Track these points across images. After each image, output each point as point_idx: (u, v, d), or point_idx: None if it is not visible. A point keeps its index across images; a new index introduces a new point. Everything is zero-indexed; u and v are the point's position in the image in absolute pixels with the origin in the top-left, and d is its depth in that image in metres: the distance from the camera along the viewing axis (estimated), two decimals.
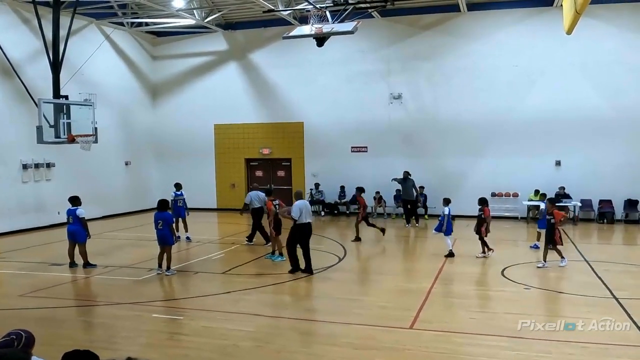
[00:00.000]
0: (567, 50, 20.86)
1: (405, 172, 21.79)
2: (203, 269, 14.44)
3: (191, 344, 8.82)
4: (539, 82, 21.75)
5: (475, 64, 22.48)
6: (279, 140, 25.73)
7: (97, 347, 5.93)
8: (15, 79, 19.54)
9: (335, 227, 22.14)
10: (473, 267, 14.29)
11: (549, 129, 21.62)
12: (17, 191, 20.45)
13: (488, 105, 22.29)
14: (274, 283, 12.89)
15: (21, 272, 14.37)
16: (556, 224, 13.70)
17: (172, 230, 14.03)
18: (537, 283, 12.43)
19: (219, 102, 25.95)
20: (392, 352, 8.29)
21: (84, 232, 14.53)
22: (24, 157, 20.57)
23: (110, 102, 23.55)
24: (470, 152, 22.70)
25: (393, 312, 10.35)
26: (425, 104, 23.45)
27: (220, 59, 26.44)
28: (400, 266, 15.28)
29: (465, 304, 10.96)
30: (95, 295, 12.64)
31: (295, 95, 25.16)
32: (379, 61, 23.81)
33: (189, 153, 26.56)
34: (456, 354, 8.15)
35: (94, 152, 19.53)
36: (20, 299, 11.66)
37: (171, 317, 10.49)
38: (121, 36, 25.42)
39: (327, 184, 24.72)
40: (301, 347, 8.70)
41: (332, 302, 11.32)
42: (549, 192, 20.19)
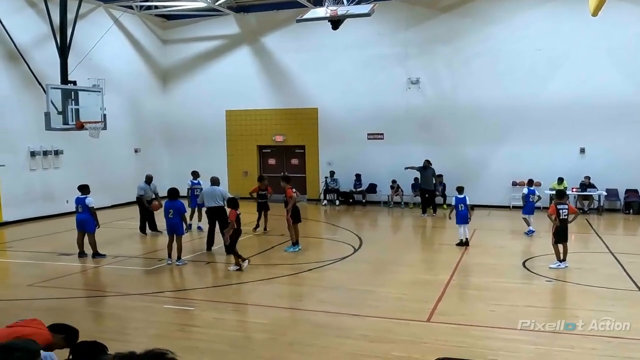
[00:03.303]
0: (592, 33, 20.18)
1: (426, 160, 21.34)
2: (214, 259, 14.24)
3: (202, 336, 8.77)
4: (563, 66, 21.11)
5: (496, 47, 21.90)
6: (292, 126, 25.35)
7: (107, 338, 5.82)
8: (22, 65, 19.31)
9: (350, 217, 21.88)
10: (493, 259, 13.94)
11: (572, 116, 21.03)
12: (25, 179, 20.25)
13: (509, 90, 21.72)
14: (288, 274, 12.72)
15: (30, 261, 14.27)
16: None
17: (184, 219, 13.79)
18: (559, 275, 12.06)
19: (230, 87, 25.59)
20: (408, 345, 8.13)
21: (93, 221, 14.32)
22: (32, 145, 20.33)
23: (119, 88, 23.25)
24: (490, 140, 22.18)
25: (410, 304, 10.21)
26: (444, 89, 22.94)
27: (232, 42, 26.06)
28: (417, 257, 15.05)
29: (484, 297, 10.71)
30: (104, 285, 12.58)
31: (309, 80, 24.74)
32: (396, 45, 23.29)
33: (200, 140, 26.27)
34: (474, 348, 7.92)
35: (103, 139, 19.36)
36: (29, 289, 11.59)
37: (182, 308, 10.41)
38: (130, 20, 25.09)
39: (342, 172, 24.33)
40: (314, 339, 8.46)
41: (346, 294, 11.10)
42: (573, 181, 19.72)
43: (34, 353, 3.63)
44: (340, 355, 7.71)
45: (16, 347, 3.56)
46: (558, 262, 12.50)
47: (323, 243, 17.03)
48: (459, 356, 5.89)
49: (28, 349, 3.61)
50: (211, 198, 14.65)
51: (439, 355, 5.65)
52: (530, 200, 16.72)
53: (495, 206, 21.15)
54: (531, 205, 16.74)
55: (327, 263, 13.55)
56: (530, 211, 16.72)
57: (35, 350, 3.69)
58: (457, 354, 6.45)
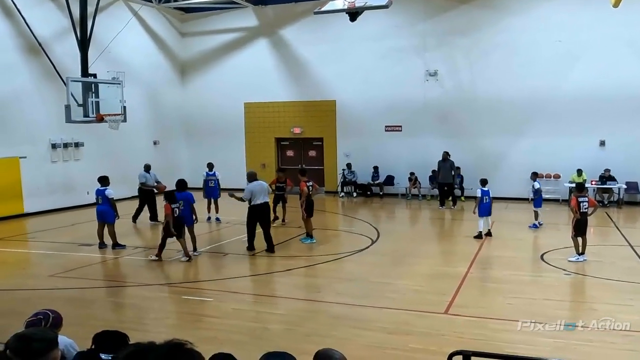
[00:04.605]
0: (612, 24, 19.78)
1: (445, 152, 21.17)
2: (233, 250, 14.29)
3: (220, 326, 8.81)
4: (583, 58, 20.78)
5: (515, 39, 21.61)
6: (310, 119, 25.31)
7: (126, 327, 5.82)
8: (43, 57, 19.49)
9: (367, 209, 21.83)
10: (511, 251, 13.84)
11: (592, 108, 20.72)
12: (47, 171, 20.45)
13: (528, 82, 21.45)
14: (305, 265, 12.76)
15: (50, 252, 14.45)
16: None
17: (193, 209, 13.74)
18: (577, 269, 11.94)
19: (249, 79, 25.56)
20: (426, 338, 8.13)
21: (113, 213, 14.42)
22: (52, 137, 20.55)
23: (139, 81, 23.32)
24: (509, 132, 21.94)
25: (427, 297, 10.18)
26: (463, 81, 22.74)
27: (250, 35, 26.05)
28: (436, 249, 14.98)
29: (503, 289, 10.63)
30: (124, 276, 12.73)
31: (327, 72, 24.64)
32: (414, 36, 23.12)
33: (219, 132, 26.32)
34: (492, 341, 7.87)
35: (123, 132, 19.45)
36: (49, 279, 11.72)
37: (200, 298, 10.45)
38: (149, 12, 25.15)
39: (360, 165, 24.26)
40: (332, 330, 8.46)
41: (364, 286, 11.09)
42: (592, 173, 19.49)
43: (51, 342, 3.60)
44: (358, 347, 7.70)
45: (34, 337, 3.54)
46: (577, 255, 12.39)
47: (340, 235, 17.03)
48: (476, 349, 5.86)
49: (46, 339, 3.59)
50: (261, 194, 13.67)
51: (456, 347, 5.61)
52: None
53: (514, 198, 20.99)
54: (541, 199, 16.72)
55: (344, 255, 13.56)
56: (539, 204, 16.65)
57: (52, 338, 3.66)
58: (475, 347, 6.38)
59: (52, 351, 3.54)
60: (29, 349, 3.43)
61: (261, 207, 13.59)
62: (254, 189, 13.54)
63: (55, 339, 3.70)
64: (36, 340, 3.50)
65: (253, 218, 13.64)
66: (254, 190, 13.52)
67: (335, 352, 3.68)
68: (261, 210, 13.61)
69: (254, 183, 13.71)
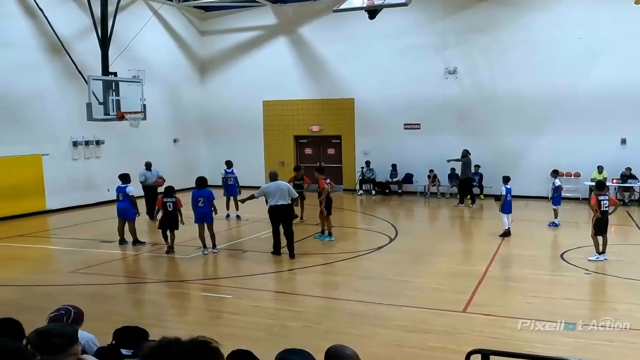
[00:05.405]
0: (634, 21, 19.54)
1: (465, 150, 21.06)
2: (252, 247, 14.35)
3: (239, 323, 8.83)
4: (604, 55, 20.53)
5: (535, 36, 21.40)
6: (329, 117, 25.31)
7: (146, 324, 5.88)
8: (64, 56, 19.70)
9: (386, 207, 21.77)
10: (531, 250, 13.71)
11: (614, 105, 20.45)
12: (68, 168, 20.70)
13: (548, 80, 21.24)
14: (324, 263, 12.75)
15: (72, 248, 14.61)
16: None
17: (214, 206, 13.80)
18: (598, 268, 11.83)
19: (267, 77, 25.63)
20: (444, 336, 8.08)
21: (134, 210, 14.55)
22: (74, 135, 20.78)
23: (159, 79, 23.53)
24: (528, 130, 21.74)
25: (446, 295, 10.12)
26: (482, 79, 22.58)
27: (269, 33, 26.11)
28: (454, 247, 14.83)
29: (522, 288, 10.56)
30: (144, 272, 12.85)
31: (345, 70, 24.62)
32: (433, 34, 23.00)
33: (238, 130, 26.40)
34: (511, 340, 7.80)
35: (143, 130, 19.58)
36: (71, 276, 11.84)
37: (219, 295, 10.49)
38: (169, 11, 25.32)
39: (379, 162, 24.22)
40: (350, 328, 8.45)
41: (383, 283, 11.07)
42: (613, 172, 19.24)
43: (72, 337, 3.59)
44: (376, 345, 7.70)
45: (54, 333, 3.53)
46: (597, 255, 12.25)
47: (359, 233, 17.01)
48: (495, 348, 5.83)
49: (66, 334, 3.58)
50: (277, 194, 13.08)
51: (475, 346, 5.60)
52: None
53: (534, 197, 20.81)
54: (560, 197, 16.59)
55: (363, 253, 13.55)
56: (558, 202, 16.52)
57: (73, 334, 3.65)
58: (493, 346, 6.36)
59: (73, 346, 3.55)
60: (50, 344, 3.43)
61: (277, 208, 13.02)
62: (269, 189, 13.20)
63: (75, 334, 3.72)
64: (56, 335, 3.50)
65: (272, 219, 13.27)
66: (268, 190, 13.18)
67: (347, 348, 3.67)
68: (278, 212, 13.05)
69: (271, 183, 13.35)
